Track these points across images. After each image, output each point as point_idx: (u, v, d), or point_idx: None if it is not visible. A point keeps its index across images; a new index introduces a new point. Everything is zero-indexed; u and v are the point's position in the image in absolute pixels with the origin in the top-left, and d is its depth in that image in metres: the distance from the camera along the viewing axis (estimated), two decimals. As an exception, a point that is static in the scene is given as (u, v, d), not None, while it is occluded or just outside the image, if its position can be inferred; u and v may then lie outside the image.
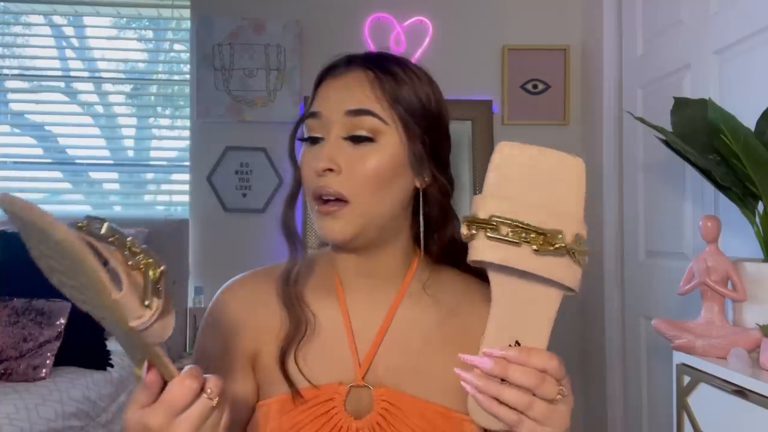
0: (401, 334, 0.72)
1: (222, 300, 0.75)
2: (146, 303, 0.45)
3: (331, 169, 0.66)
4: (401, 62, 0.73)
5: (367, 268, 0.73)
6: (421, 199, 0.73)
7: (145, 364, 0.50)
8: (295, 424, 0.68)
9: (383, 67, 0.70)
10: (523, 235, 0.53)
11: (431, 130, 0.71)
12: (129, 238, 0.46)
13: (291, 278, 0.72)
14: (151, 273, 0.46)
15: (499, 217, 0.53)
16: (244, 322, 0.73)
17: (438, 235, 0.76)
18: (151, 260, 0.46)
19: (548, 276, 0.54)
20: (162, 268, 0.46)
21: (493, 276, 0.57)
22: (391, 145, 0.68)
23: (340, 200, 0.67)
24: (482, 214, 0.54)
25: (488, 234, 0.53)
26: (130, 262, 0.46)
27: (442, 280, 0.76)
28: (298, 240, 0.74)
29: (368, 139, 0.67)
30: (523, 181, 0.55)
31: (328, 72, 0.72)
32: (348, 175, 0.67)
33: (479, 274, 0.78)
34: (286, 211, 0.74)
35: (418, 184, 0.72)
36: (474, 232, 0.54)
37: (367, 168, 0.67)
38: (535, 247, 0.53)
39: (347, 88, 0.69)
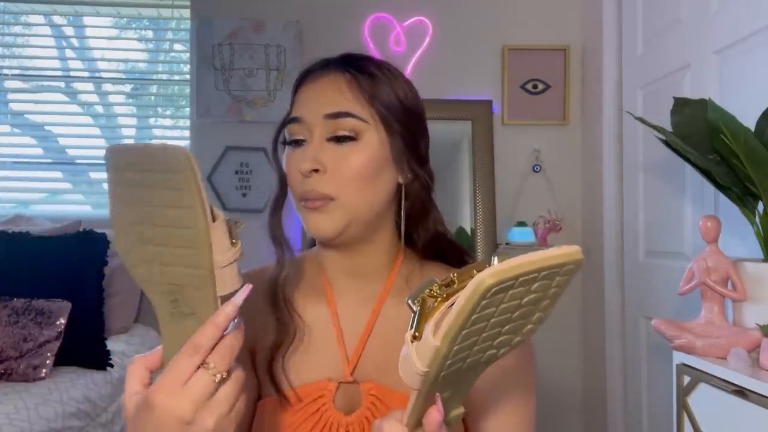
0: (387, 329, 0.72)
1: None
2: (233, 241, 0.53)
3: (316, 170, 0.68)
4: (377, 62, 0.74)
5: (353, 266, 0.74)
6: (403, 194, 0.74)
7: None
8: (289, 422, 0.69)
9: (359, 67, 0.72)
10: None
11: (410, 126, 0.73)
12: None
13: (279, 283, 0.72)
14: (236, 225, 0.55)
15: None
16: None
17: (421, 230, 0.78)
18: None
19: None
20: (244, 224, 0.55)
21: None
22: (372, 142, 0.70)
23: (326, 198, 0.68)
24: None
25: None
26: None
27: (427, 274, 0.76)
28: (286, 245, 0.74)
29: (350, 138, 0.69)
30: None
31: (306, 76, 0.74)
32: (333, 174, 0.68)
33: None
34: (272, 218, 0.75)
35: (401, 180, 0.74)
36: None
37: (352, 165, 0.68)
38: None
39: (325, 91, 0.71)
